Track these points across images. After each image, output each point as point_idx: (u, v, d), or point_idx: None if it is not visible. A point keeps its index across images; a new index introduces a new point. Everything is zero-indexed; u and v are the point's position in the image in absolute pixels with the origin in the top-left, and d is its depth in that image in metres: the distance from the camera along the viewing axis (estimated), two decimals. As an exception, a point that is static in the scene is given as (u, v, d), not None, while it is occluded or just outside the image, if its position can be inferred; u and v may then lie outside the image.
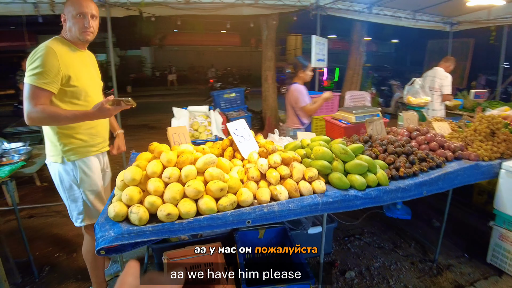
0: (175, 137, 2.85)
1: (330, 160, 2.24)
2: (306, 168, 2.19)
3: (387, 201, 2.19)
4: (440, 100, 4.79)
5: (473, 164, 2.54)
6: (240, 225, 1.84)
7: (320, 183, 2.06)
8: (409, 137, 2.82)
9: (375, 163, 2.22)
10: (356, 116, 3.25)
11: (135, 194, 1.80)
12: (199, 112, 4.42)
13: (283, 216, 1.89)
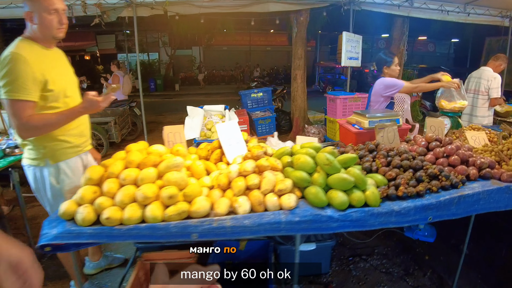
0: (170, 136, 2.71)
1: (310, 171, 1.91)
2: (281, 179, 1.87)
3: (375, 226, 1.77)
4: (487, 105, 4.02)
5: (503, 186, 1.98)
6: (185, 238, 1.62)
7: (289, 198, 1.74)
8: (427, 148, 2.32)
9: (364, 179, 1.82)
10: (370, 120, 2.78)
11: (87, 193, 1.70)
12: (215, 111, 4.23)
13: (237, 233, 1.63)
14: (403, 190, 1.85)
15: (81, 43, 13.66)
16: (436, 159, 2.21)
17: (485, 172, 2.08)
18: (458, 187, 1.94)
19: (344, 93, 4.95)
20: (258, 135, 5.25)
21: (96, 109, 1.90)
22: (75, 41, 12.96)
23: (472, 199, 1.91)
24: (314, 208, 1.76)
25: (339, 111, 4.66)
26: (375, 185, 1.92)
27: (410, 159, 2.08)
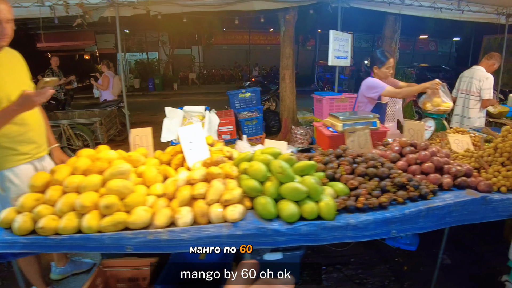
0: (137, 139, 2.56)
1: (263, 179, 1.72)
2: (231, 188, 1.70)
3: (329, 240, 1.59)
4: (479, 106, 3.79)
5: (478, 197, 1.78)
6: (119, 251, 1.53)
7: (233, 210, 1.57)
8: (400, 153, 2.12)
9: (318, 189, 1.63)
10: (344, 123, 2.59)
11: (28, 201, 1.61)
12: (195, 112, 4.05)
13: (173, 247, 1.52)
14: (363, 201, 1.67)
15: (81, 42, 13.66)
16: (408, 165, 2.01)
17: (460, 181, 1.88)
18: (427, 197, 1.75)
19: (332, 94, 4.75)
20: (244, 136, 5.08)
21: (31, 105, 1.75)
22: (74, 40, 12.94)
23: (443, 212, 1.71)
24: (261, 220, 1.59)
25: (325, 111, 4.46)
26: (334, 195, 1.74)
27: (378, 166, 1.88)
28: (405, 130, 2.47)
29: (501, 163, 2.03)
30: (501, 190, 1.89)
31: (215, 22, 7.63)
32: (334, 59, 4.49)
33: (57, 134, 5.30)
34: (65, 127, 5.25)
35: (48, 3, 4.35)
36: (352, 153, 2.01)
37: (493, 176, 1.96)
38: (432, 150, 2.05)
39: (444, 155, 2.09)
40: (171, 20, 4.98)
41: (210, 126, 3.83)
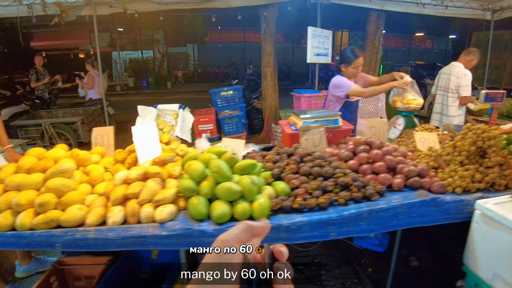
0: (98, 138, 2.50)
1: (199, 179, 1.65)
2: (169, 188, 1.67)
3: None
4: (457, 103, 3.66)
5: (427, 199, 1.67)
6: (50, 248, 1.56)
7: (161, 210, 1.53)
8: (353, 152, 2.01)
9: (253, 189, 1.54)
10: (305, 121, 2.48)
11: None
12: (169, 110, 3.97)
13: (101, 246, 1.51)
14: (300, 201, 1.57)
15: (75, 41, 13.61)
16: (360, 165, 1.91)
17: (412, 182, 1.77)
18: (372, 199, 1.64)
19: (311, 91, 4.64)
20: (225, 134, 5.00)
21: None
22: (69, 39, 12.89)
23: (388, 214, 1.61)
24: (191, 221, 1.53)
25: (303, 109, 4.35)
26: (274, 195, 1.66)
27: (324, 166, 1.78)
28: (366, 128, 2.35)
29: (460, 162, 1.93)
30: (456, 191, 1.79)
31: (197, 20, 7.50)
32: (313, 56, 4.37)
33: (39, 133, 5.25)
34: (47, 126, 5.19)
35: (25, 2, 4.29)
36: (301, 152, 1.91)
37: (449, 176, 1.86)
38: (387, 149, 1.94)
39: (400, 154, 1.99)
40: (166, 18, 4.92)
41: (184, 125, 3.75)
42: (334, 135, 2.53)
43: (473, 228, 1.69)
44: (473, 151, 1.90)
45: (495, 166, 1.87)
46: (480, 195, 1.76)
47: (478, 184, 1.83)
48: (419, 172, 1.83)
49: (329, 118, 2.52)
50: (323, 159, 1.85)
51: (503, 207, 1.58)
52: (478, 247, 1.67)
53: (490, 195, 1.77)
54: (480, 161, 1.92)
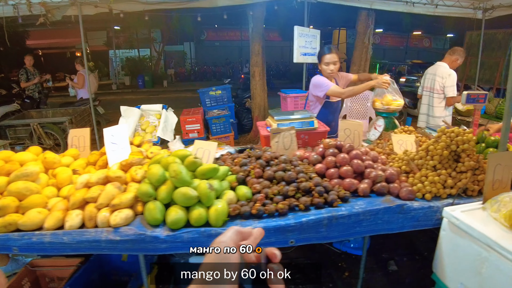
0: (75, 140, 2.47)
1: (158, 183, 1.61)
2: (129, 192, 1.65)
3: None
4: (443, 104, 3.58)
5: (393, 206, 1.60)
6: (7, 252, 1.55)
7: (116, 215, 1.51)
8: (322, 155, 1.95)
9: (209, 194, 1.50)
10: (279, 123, 2.42)
11: None
12: (153, 111, 3.91)
13: (57, 250, 1.50)
14: (258, 207, 1.51)
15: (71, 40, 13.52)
16: (327, 169, 1.84)
17: (379, 187, 1.71)
18: (334, 205, 1.57)
19: (298, 91, 4.56)
20: (212, 134, 4.93)
21: None
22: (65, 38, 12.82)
23: (350, 220, 1.54)
24: (146, 226, 1.50)
25: (290, 109, 4.28)
26: (234, 200, 1.60)
27: (289, 170, 1.72)
28: (340, 130, 2.28)
29: (433, 166, 1.85)
30: (426, 198, 1.72)
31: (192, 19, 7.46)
32: (300, 56, 4.29)
33: (28, 133, 5.20)
34: (35, 126, 5.14)
35: (11, 2, 4.22)
36: (267, 156, 1.84)
37: (419, 182, 1.79)
38: (356, 152, 1.87)
39: (371, 158, 1.92)
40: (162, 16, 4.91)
41: (166, 125, 3.70)
42: (310, 137, 2.47)
43: (441, 236, 1.63)
44: (446, 155, 1.83)
45: (468, 171, 1.81)
46: (450, 202, 1.69)
47: (450, 190, 1.77)
48: (387, 177, 1.76)
49: (304, 120, 2.45)
50: (288, 163, 1.79)
51: (470, 215, 1.51)
52: (446, 256, 1.60)
53: (462, 201, 1.71)
54: (454, 165, 1.86)
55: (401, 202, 1.63)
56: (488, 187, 1.62)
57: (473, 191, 1.79)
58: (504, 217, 1.41)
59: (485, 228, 1.38)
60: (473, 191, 1.79)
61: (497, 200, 1.51)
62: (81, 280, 1.98)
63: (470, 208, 1.58)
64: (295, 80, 15.84)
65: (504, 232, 1.37)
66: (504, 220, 1.40)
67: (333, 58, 2.76)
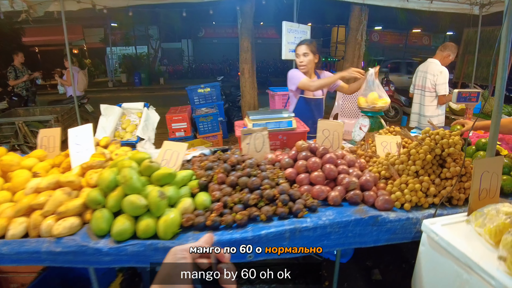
0: (44, 140, 2.29)
1: (108, 190, 1.45)
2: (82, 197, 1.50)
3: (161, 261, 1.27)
4: (435, 103, 3.38)
5: (365, 217, 1.42)
6: None
7: (60, 223, 1.37)
8: (295, 159, 1.77)
9: (160, 203, 1.34)
10: (254, 123, 2.24)
11: None
12: (134, 109, 3.75)
13: None
14: (213, 218, 1.34)
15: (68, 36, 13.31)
16: (297, 174, 1.66)
17: (352, 196, 1.53)
18: (299, 216, 1.40)
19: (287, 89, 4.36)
20: (200, 133, 4.76)
21: None
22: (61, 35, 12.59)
23: (315, 233, 1.37)
24: (92, 237, 1.35)
25: (278, 107, 4.10)
26: (191, 209, 1.44)
27: (254, 175, 1.55)
28: (318, 131, 2.11)
29: (415, 172, 1.67)
30: (405, 208, 1.54)
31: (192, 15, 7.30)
32: (288, 53, 4.11)
33: (13, 131, 5.07)
34: (20, 125, 5.00)
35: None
36: (233, 159, 1.67)
37: (398, 189, 1.61)
38: (330, 156, 1.70)
39: (346, 162, 1.75)
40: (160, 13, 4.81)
41: (147, 124, 3.54)
42: (289, 138, 2.29)
43: (420, 251, 1.45)
44: (429, 160, 1.64)
45: (454, 177, 1.63)
46: (432, 212, 1.51)
47: (433, 199, 1.59)
48: (362, 184, 1.59)
49: (282, 120, 2.27)
50: (255, 167, 1.61)
51: (452, 230, 1.33)
52: (425, 274, 1.42)
53: (446, 212, 1.53)
54: (439, 171, 1.68)
55: (375, 213, 1.45)
56: (473, 197, 1.43)
57: (459, 200, 1.61)
58: (489, 234, 1.23)
59: (467, 245, 1.21)
60: (459, 200, 1.61)
61: (483, 213, 1.32)
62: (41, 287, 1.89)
63: (453, 220, 1.40)
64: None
65: (488, 251, 1.20)
66: (489, 237, 1.22)
67: (302, 49, 2.66)
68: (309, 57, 2.67)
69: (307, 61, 2.69)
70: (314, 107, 2.79)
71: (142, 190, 1.42)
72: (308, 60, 2.68)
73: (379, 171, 1.79)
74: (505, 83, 1.51)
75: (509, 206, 1.26)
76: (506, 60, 1.47)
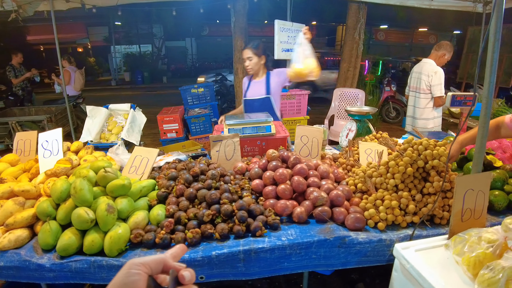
0: (20, 144, 2.24)
1: (59, 201, 1.37)
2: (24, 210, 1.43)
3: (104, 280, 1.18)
4: (431, 105, 3.20)
5: (330, 238, 1.28)
6: None
7: (5, 237, 1.30)
8: (264, 169, 1.63)
9: (107, 218, 1.27)
10: (230, 127, 2.10)
11: None
12: (121, 110, 3.66)
13: None
14: (162, 235, 1.22)
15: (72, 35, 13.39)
16: (264, 187, 1.52)
17: (319, 212, 1.38)
18: (256, 234, 1.26)
19: (283, 90, 4.21)
20: (192, 134, 4.64)
21: None
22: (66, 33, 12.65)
23: (273, 255, 1.23)
24: (38, 250, 1.28)
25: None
26: (143, 224, 1.33)
27: (219, 186, 1.42)
28: (297, 137, 1.96)
29: (394, 186, 1.51)
30: (378, 227, 1.38)
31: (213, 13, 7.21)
32: (280, 52, 3.95)
33: (7, 131, 5.03)
34: (14, 125, 4.96)
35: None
36: (196, 169, 1.54)
37: (372, 206, 1.45)
38: (301, 167, 1.55)
39: (319, 174, 1.60)
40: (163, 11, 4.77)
41: (133, 125, 3.44)
42: (268, 144, 2.15)
43: (393, 276, 1.30)
44: (410, 173, 1.48)
45: (437, 193, 1.46)
46: (409, 233, 1.35)
47: (412, 217, 1.43)
48: (332, 199, 1.44)
49: (260, 125, 2.13)
50: (217, 178, 1.48)
51: (427, 256, 1.17)
52: (396, 300, 1.27)
53: (426, 233, 1.37)
54: (421, 186, 1.52)
55: (343, 234, 1.30)
56: (455, 218, 1.27)
57: (442, 218, 1.45)
58: (467, 264, 1.07)
59: (439, 277, 1.05)
60: (442, 219, 1.45)
61: (463, 238, 1.16)
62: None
63: (430, 245, 1.24)
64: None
65: (464, 285, 1.04)
66: (467, 268, 1.07)
67: (246, 54, 2.70)
68: (254, 60, 2.70)
69: (253, 64, 2.72)
70: (260, 108, 2.74)
71: (90, 202, 1.31)
72: (253, 63, 2.72)
73: (355, 183, 1.64)
74: (493, 88, 1.34)
75: (494, 232, 1.10)
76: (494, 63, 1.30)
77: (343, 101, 4.67)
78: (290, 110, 3.96)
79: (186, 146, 4.15)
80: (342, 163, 1.99)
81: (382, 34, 16.82)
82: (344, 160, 2.01)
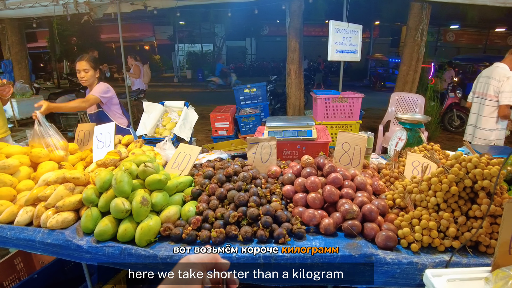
0: (80, 134, 2.48)
1: (102, 190, 1.51)
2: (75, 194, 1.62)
3: (138, 269, 1.33)
4: (496, 114, 2.83)
5: (355, 255, 1.23)
6: None
7: (54, 217, 1.47)
8: (298, 175, 1.63)
9: (140, 210, 1.41)
10: (270, 130, 2.11)
11: None
12: (175, 107, 3.92)
13: (2, 243, 1.51)
14: (189, 231, 1.30)
15: (140, 34, 14.53)
16: (294, 193, 1.52)
17: (347, 226, 1.33)
18: (279, 242, 1.27)
19: (333, 92, 4.10)
20: (241, 133, 4.76)
21: None
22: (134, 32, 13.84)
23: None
24: (79, 233, 1.44)
25: (320, 112, 3.88)
26: (174, 218, 1.42)
27: (248, 189, 1.47)
28: (337, 144, 1.90)
29: (436, 205, 1.40)
30: (411, 248, 1.28)
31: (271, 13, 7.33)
32: (334, 54, 3.83)
33: (76, 121, 5.72)
34: (82, 115, 5.60)
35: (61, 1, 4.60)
36: (230, 170, 1.60)
37: (408, 225, 1.35)
38: (335, 176, 1.51)
39: (355, 185, 1.54)
40: (225, 12, 5.08)
41: (185, 123, 3.66)
42: (308, 149, 2.13)
43: (422, 302, 1.20)
44: (454, 192, 1.35)
45: (485, 217, 1.31)
46: (445, 259, 1.24)
47: (451, 241, 1.30)
48: (364, 213, 1.37)
49: (300, 129, 2.11)
50: (248, 180, 1.51)
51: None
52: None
53: (467, 260, 1.24)
54: (466, 207, 1.37)
55: (371, 251, 1.24)
56: (501, 249, 1.12)
57: (489, 247, 1.29)
58: (505, 304, 0.95)
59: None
60: (489, 247, 1.29)
61: (508, 274, 1.03)
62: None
63: (466, 276, 1.12)
64: (355, 78, 14.68)
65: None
66: (505, 308, 0.95)
67: (83, 65, 2.80)
68: (90, 72, 2.84)
69: (89, 76, 2.85)
70: (95, 121, 2.86)
71: (128, 194, 1.43)
72: (89, 76, 2.85)
73: (394, 198, 1.54)
74: None
75: (545, 269, 0.96)
76: None
77: (400, 106, 4.39)
78: (342, 114, 3.83)
79: (235, 144, 4.29)
80: (385, 175, 1.88)
81: (452, 35, 15.26)
82: (388, 171, 1.90)
